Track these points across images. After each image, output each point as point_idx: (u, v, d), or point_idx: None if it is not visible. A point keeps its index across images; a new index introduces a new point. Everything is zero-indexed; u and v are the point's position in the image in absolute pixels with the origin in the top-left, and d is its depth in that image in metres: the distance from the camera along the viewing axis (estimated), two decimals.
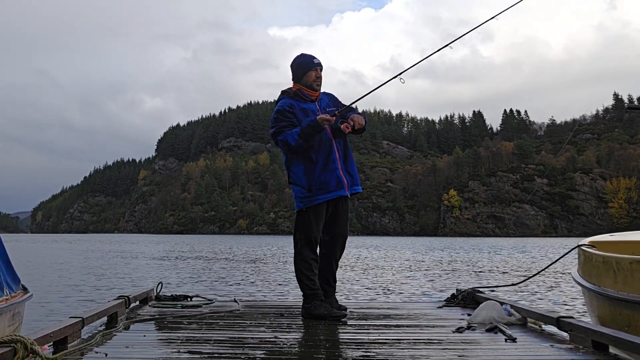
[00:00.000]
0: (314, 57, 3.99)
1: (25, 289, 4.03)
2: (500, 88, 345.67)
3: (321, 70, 3.99)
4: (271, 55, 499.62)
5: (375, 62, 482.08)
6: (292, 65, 4.01)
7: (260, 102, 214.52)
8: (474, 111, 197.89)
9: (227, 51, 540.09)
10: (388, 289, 11.25)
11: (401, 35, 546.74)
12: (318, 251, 3.96)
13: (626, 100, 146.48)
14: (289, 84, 4.07)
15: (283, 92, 4.04)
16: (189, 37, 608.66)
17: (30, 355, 2.23)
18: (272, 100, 4.42)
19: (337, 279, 4.04)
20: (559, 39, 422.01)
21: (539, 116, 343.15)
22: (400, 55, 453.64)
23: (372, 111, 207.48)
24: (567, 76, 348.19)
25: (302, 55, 4.04)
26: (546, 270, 4.87)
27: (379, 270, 17.11)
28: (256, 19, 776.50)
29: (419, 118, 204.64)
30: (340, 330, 3.30)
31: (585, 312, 4.73)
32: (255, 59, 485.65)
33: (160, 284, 4.66)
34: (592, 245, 4.06)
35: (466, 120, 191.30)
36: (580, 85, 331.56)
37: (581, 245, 4.13)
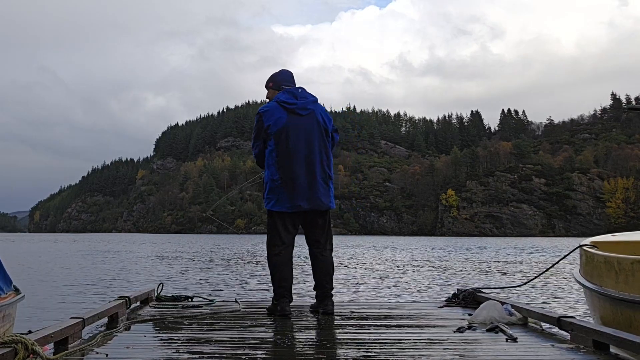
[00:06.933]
0: None
1: (17, 290, 4.01)
2: (510, 85, 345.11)
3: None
4: (279, 53, 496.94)
5: (383, 60, 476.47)
6: None
7: (259, 101, 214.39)
8: (471, 111, 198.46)
9: (234, 48, 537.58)
10: (388, 289, 11.25)
11: (408, 33, 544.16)
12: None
13: (624, 100, 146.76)
14: (295, 83, 4.14)
15: None
16: (195, 33, 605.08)
17: (31, 355, 2.23)
18: None
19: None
20: (569, 36, 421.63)
21: (537, 116, 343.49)
22: (410, 52, 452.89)
23: (370, 111, 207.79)
24: (578, 73, 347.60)
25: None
26: (547, 271, 4.87)
27: (379, 270, 17.11)
28: (265, 15, 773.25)
29: (417, 118, 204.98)
30: (341, 330, 3.30)
31: (587, 312, 4.73)
32: (262, 56, 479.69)
33: (160, 285, 4.66)
34: (594, 245, 4.06)
35: (464, 120, 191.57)
36: (591, 83, 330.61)
37: (583, 245, 4.13)
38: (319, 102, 4.06)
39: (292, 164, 3.87)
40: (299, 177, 3.86)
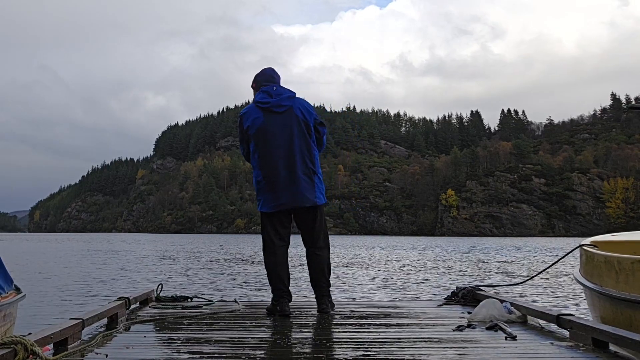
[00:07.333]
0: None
1: (18, 290, 4.00)
2: (511, 85, 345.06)
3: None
4: (279, 53, 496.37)
5: (383, 60, 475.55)
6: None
7: None
8: (471, 111, 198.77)
9: (235, 48, 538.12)
10: (388, 288, 11.25)
11: (408, 33, 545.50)
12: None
13: (624, 100, 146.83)
14: (295, 82, 4.21)
15: None
16: (196, 33, 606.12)
17: (31, 356, 2.23)
18: None
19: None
20: (570, 36, 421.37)
21: (537, 116, 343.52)
22: (410, 52, 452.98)
23: (370, 111, 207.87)
24: (579, 74, 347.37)
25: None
26: (547, 269, 4.86)
27: (379, 269, 17.12)
28: (265, 14, 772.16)
29: (417, 118, 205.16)
30: (340, 330, 3.30)
31: (587, 311, 4.73)
32: (263, 56, 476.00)
33: (160, 285, 4.66)
34: (594, 245, 4.06)
35: (464, 120, 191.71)
36: (591, 83, 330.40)
37: (583, 245, 4.13)
38: (297, 96, 4.00)
39: (273, 163, 3.85)
40: (280, 175, 3.84)
